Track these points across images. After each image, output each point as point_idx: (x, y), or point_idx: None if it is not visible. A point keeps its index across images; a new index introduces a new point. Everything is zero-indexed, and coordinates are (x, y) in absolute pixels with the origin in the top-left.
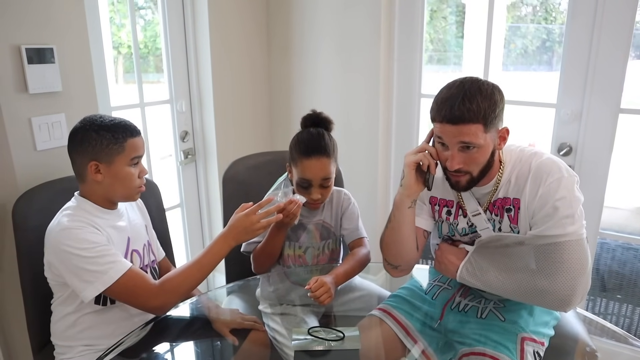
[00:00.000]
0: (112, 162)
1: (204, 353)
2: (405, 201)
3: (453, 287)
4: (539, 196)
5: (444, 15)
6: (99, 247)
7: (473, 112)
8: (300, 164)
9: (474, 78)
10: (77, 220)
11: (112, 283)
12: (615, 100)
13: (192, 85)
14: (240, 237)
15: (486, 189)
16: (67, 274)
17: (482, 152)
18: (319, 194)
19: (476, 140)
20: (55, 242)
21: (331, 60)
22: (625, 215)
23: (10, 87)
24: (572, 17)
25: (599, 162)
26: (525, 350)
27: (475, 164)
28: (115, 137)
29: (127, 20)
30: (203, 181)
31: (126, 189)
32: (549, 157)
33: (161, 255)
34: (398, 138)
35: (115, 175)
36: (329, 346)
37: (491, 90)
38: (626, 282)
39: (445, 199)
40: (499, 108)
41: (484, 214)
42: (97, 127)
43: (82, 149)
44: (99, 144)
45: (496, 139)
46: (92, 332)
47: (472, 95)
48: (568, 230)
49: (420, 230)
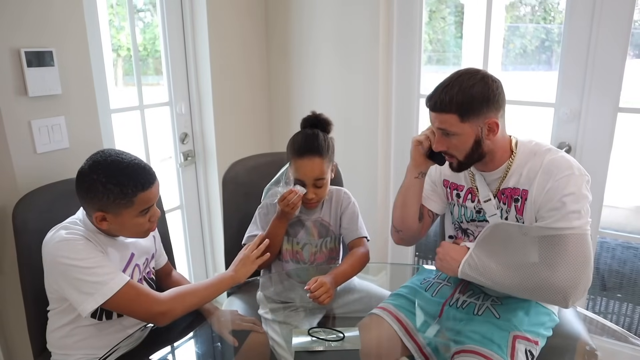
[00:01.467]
0: (119, 214)
1: (205, 355)
2: (412, 171)
3: (453, 283)
4: (546, 190)
5: (442, 16)
6: (97, 258)
7: (445, 103)
8: (294, 164)
9: (470, 71)
10: (74, 233)
11: (113, 294)
12: (614, 99)
13: (191, 87)
14: (243, 270)
15: (495, 174)
16: (66, 287)
17: (461, 140)
18: (313, 194)
19: (451, 128)
20: (52, 255)
21: (330, 60)
22: (625, 214)
23: (10, 90)
24: (570, 16)
25: (598, 161)
26: (517, 348)
27: (456, 149)
28: (124, 193)
29: (126, 22)
30: (203, 183)
31: (133, 234)
32: (563, 155)
33: (163, 261)
34: (397, 138)
35: (122, 224)
36: (329, 346)
37: (474, 84)
38: (626, 281)
39: (456, 183)
40: (479, 101)
41: (494, 200)
42: (105, 177)
43: (88, 197)
44: (106, 198)
45: (482, 130)
46: (88, 343)
47: (452, 87)
48: (574, 224)
49: (426, 209)
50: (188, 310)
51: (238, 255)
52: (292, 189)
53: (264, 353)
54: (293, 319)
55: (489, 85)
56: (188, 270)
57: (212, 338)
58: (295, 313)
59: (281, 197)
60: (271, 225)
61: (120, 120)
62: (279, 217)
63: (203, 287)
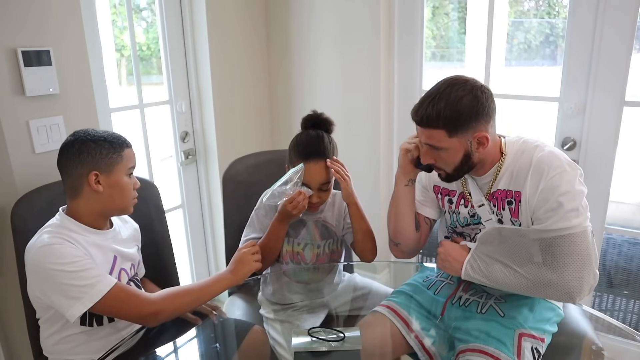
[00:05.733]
0: (111, 172)
1: (204, 356)
2: (400, 178)
3: (455, 281)
4: (540, 190)
5: (446, 12)
6: (82, 261)
7: (432, 118)
8: None
9: (458, 81)
10: (57, 237)
11: (102, 297)
12: (619, 93)
13: (191, 86)
14: (242, 270)
15: (485, 178)
16: (52, 293)
17: (450, 154)
18: (317, 197)
19: (439, 143)
20: (35, 261)
21: (331, 57)
22: (631, 210)
23: (7, 90)
24: (574, 10)
25: (603, 156)
26: (523, 346)
27: (444, 163)
28: (114, 147)
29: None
30: (204, 181)
31: (124, 199)
32: (551, 150)
33: (141, 273)
34: (400, 135)
35: (114, 185)
36: (329, 347)
37: (461, 98)
38: (633, 278)
39: (448, 188)
40: (468, 115)
41: (487, 204)
42: (94, 138)
43: (80, 159)
44: (98, 153)
45: (471, 143)
46: (82, 348)
47: (439, 100)
48: (573, 223)
49: (422, 217)
50: (181, 311)
51: (236, 255)
52: (300, 190)
53: (265, 352)
54: (295, 318)
55: (478, 98)
56: (190, 269)
57: (211, 338)
58: (297, 312)
59: (290, 199)
60: (271, 227)
61: (121, 120)
62: (280, 219)
63: (197, 287)
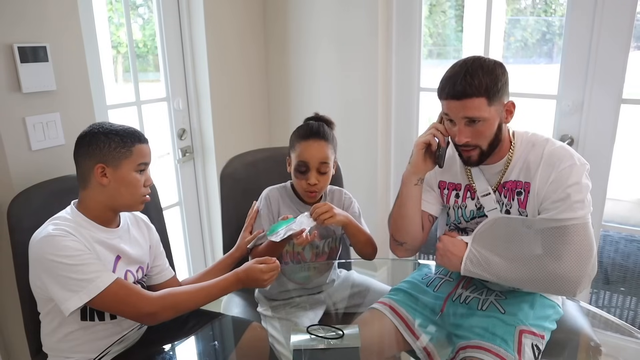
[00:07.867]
0: (118, 166)
1: (202, 353)
2: (411, 178)
3: (455, 279)
4: (550, 182)
5: (443, 10)
6: (83, 255)
7: (475, 86)
8: (299, 146)
9: (476, 56)
10: (61, 229)
11: (100, 292)
12: (616, 91)
13: (188, 83)
14: (249, 284)
15: (496, 167)
16: (51, 284)
17: (487, 125)
18: (316, 179)
19: (480, 113)
20: (37, 251)
21: (329, 54)
22: (629, 207)
23: (3, 86)
24: (572, 8)
25: (601, 154)
26: (523, 343)
27: (482, 137)
28: (124, 141)
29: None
30: (202, 179)
31: (131, 195)
32: (562, 145)
33: (169, 274)
34: (397, 132)
35: (121, 179)
36: (328, 344)
37: (492, 66)
38: (630, 275)
39: (454, 182)
40: (501, 82)
41: (493, 194)
42: (106, 130)
43: (89, 151)
44: (107, 146)
45: (502, 113)
46: (85, 347)
47: (474, 71)
48: (578, 214)
49: (426, 214)
50: (181, 312)
51: (251, 266)
52: (302, 228)
53: (263, 350)
54: (294, 315)
55: (503, 66)
56: (187, 266)
57: (210, 336)
58: (295, 309)
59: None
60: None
61: (118, 117)
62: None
63: (198, 289)
